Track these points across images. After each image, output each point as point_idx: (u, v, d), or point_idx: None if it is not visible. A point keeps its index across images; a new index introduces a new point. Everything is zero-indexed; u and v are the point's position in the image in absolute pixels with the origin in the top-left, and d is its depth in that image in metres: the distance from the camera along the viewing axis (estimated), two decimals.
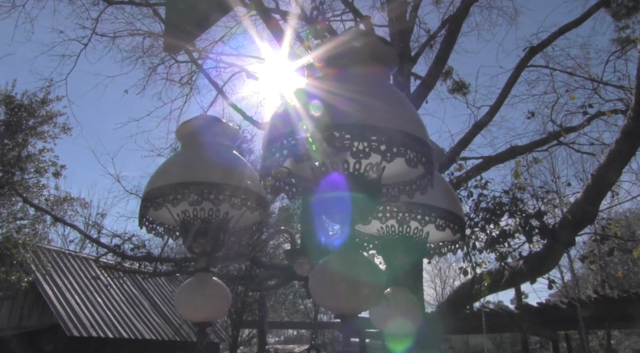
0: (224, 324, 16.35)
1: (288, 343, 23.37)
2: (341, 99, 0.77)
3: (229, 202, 1.10)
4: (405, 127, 0.75)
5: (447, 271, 26.07)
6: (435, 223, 1.06)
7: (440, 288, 26.44)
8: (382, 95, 0.80)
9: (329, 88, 0.81)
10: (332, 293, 0.77)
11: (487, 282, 5.80)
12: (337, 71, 0.85)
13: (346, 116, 0.74)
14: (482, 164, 7.00)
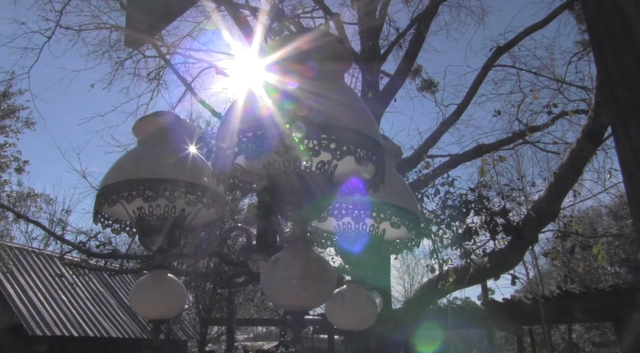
0: (192, 322, 16.21)
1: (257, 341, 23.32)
2: (292, 97, 0.77)
3: (184, 198, 1.09)
4: (356, 126, 0.76)
5: (415, 268, 26.39)
6: (390, 221, 1.07)
7: (408, 285, 26.75)
8: (334, 94, 0.80)
9: (281, 86, 0.81)
10: (283, 289, 0.78)
11: (452, 279, 5.90)
12: (289, 69, 0.85)
13: (295, 115, 0.74)
14: (449, 162, 7.11)
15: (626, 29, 0.49)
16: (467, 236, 5.25)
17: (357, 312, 1.11)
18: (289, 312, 0.79)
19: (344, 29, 7.70)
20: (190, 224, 1.24)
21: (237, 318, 14.93)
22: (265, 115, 0.75)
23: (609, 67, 0.50)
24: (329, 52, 0.86)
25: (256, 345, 19.61)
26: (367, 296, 1.13)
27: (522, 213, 7.58)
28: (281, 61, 0.88)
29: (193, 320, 16.18)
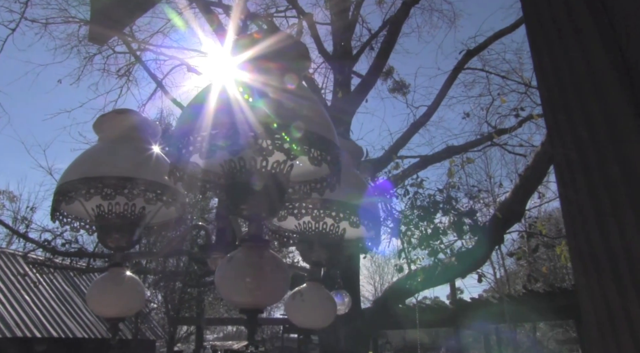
0: (160, 321, 16.01)
1: (227, 340, 23.16)
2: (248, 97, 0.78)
3: (143, 196, 1.09)
4: (310, 126, 0.77)
5: (385, 267, 26.61)
6: (349, 220, 1.09)
7: (379, 285, 26.96)
8: (289, 94, 0.82)
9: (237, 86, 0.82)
10: (236, 288, 0.78)
11: (421, 278, 5.98)
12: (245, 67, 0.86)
13: (250, 114, 0.75)
14: (419, 162, 7.21)
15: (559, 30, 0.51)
16: (434, 236, 5.33)
17: (316, 310, 1.12)
18: (243, 311, 0.80)
19: (316, 29, 7.72)
20: (151, 223, 1.23)
21: (207, 318, 14.80)
22: (219, 114, 0.76)
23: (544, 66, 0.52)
24: (287, 53, 0.87)
25: (226, 344, 19.49)
26: (326, 295, 1.14)
27: (490, 214, 7.75)
28: (239, 60, 0.89)
29: (162, 319, 15.98)
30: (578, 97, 0.49)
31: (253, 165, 0.81)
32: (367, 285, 27.40)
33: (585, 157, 0.48)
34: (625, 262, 0.44)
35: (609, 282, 0.44)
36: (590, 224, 0.46)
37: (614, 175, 0.46)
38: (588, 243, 0.46)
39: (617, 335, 0.43)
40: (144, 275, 12.57)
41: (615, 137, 0.47)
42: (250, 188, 0.81)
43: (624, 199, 0.45)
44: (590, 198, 0.47)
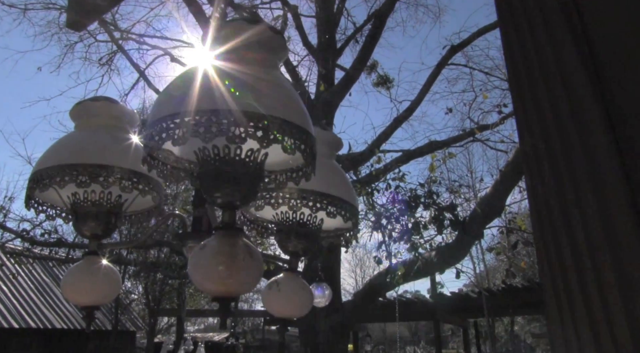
0: (141, 313, 15.91)
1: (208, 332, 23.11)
2: (221, 84, 0.78)
3: (119, 184, 1.08)
4: (284, 115, 0.77)
5: (367, 261, 26.77)
6: (326, 211, 1.09)
7: (360, 278, 27.11)
8: (264, 82, 0.81)
9: (211, 72, 0.81)
10: (209, 276, 0.78)
11: (401, 272, 6.03)
12: (222, 56, 0.85)
13: (224, 101, 0.75)
14: (401, 157, 7.24)
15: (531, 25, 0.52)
16: (415, 230, 5.37)
17: (292, 300, 1.13)
18: (216, 299, 0.80)
19: (300, 21, 7.69)
20: (128, 211, 1.22)
21: (188, 310, 14.76)
22: (193, 101, 0.76)
23: (515, 60, 0.53)
24: (264, 41, 0.87)
25: (207, 336, 19.45)
26: (302, 285, 1.15)
27: (470, 209, 7.83)
28: (215, 47, 0.88)
29: (142, 311, 15.88)
30: (547, 90, 0.50)
31: (227, 152, 0.81)
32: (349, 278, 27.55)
33: (552, 147, 0.49)
34: (586, 253, 0.45)
35: (571, 272, 0.45)
36: (555, 214, 0.47)
37: (579, 166, 0.47)
38: (552, 234, 0.47)
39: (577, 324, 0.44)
40: (125, 266, 12.48)
41: (581, 128, 0.48)
42: (223, 176, 0.81)
43: (588, 190, 0.46)
44: (555, 189, 0.48)
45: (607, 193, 0.45)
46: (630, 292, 0.42)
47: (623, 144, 0.46)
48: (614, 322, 0.42)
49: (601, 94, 0.47)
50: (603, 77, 0.48)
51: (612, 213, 0.45)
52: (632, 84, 0.46)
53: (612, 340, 0.42)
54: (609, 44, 0.49)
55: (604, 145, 0.46)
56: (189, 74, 0.86)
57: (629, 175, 0.45)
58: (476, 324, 14.94)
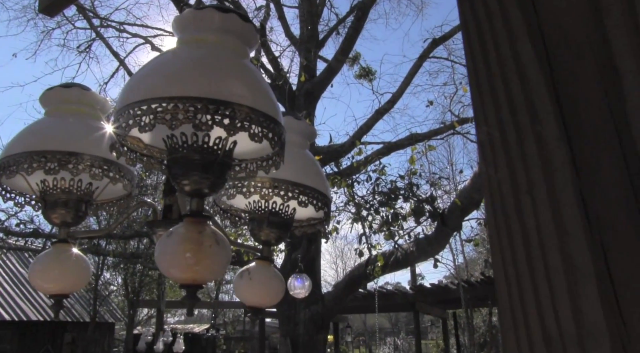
0: (120, 304, 15.79)
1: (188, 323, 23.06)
2: (189, 71, 0.78)
3: (89, 172, 1.07)
4: (251, 102, 0.77)
5: (348, 253, 26.89)
6: (298, 200, 1.10)
7: (341, 270, 27.24)
8: (232, 70, 0.81)
9: (178, 59, 0.81)
10: (176, 263, 0.78)
11: (381, 263, 6.07)
12: (191, 43, 0.85)
13: (191, 88, 0.75)
14: (382, 149, 7.27)
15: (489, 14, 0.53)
16: (393, 222, 5.42)
17: (264, 289, 1.13)
18: (183, 286, 0.80)
19: (283, 11, 7.66)
20: (99, 199, 1.21)
21: (167, 301, 14.68)
22: (159, 88, 0.75)
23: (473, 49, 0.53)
24: (233, 29, 0.87)
25: (187, 327, 19.41)
26: (274, 274, 1.15)
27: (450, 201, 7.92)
28: (184, 35, 0.87)
29: (121, 302, 15.77)
30: (503, 81, 0.51)
31: (195, 140, 0.81)
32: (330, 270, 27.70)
33: (506, 136, 0.50)
34: (536, 239, 0.46)
35: (521, 258, 0.46)
36: (507, 201, 0.48)
37: (531, 154, 0.48)
38: (505, 220, 0.48)
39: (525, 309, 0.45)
40: (104, 257, 12.36)
41: (534, 118, 0.49)
42: (191, 164, 0.81)
43: (539, 176, 0.47)
44: (508, 176, 0.49)
45: (556, 180, 0.46)
46: (574, 277, 0.43)
47: (572, 133, 0.47)
48: (558, 305, 0.43)
49: (553, 85, 0.49)
50: (555, 68, 0.49)
51: (560, 200, 0.46)
52: (581, 74, 0.48)
53: (556, 323, 0.43)
54: (560, 35, 0.50)
55: (554, 134, 0.47)
56: (157, 60, 0.86)
57: (576, 163, 0.46)
58: (455, 315, 15.14)
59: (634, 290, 0.41)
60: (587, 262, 0.43)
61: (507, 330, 0.45)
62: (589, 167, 0.45)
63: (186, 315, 1.23)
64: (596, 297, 0.42)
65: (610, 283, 0.42)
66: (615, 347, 0.40)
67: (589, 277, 0.43)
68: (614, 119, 0.45)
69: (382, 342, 24.56)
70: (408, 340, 22.96)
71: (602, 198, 0.44)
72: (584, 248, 0.43)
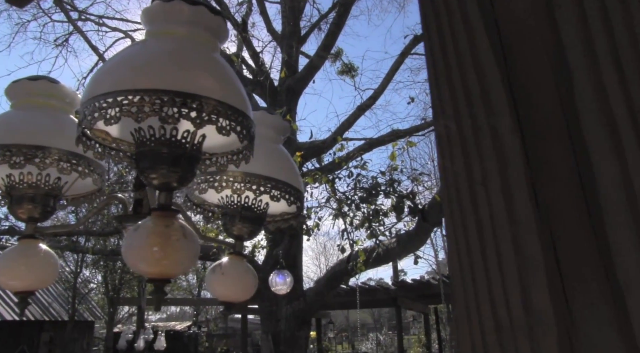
0: (100, 302, 15.62)
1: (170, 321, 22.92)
2: (156, 64, 0.77)
3: (57, 166, 1.05)
4: (219, 96, 0.77)
5: (331, 249, 26.95)
6: (270, 194, 1.10)
7: (324, 266, 27.29)
8: (200, 63, 0.81)
9: (146, 52, 0.80)
10: (143, 257, 0.78)
11: (362, 259, 6.10)
12: (159, 35, 0.84)
13: (158, 81, 0.74)
14: (364, 145, 7.30)
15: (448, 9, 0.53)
16: (374, 218, 5.44)
17: (235, 283, 1.13)
18: (150, 280, 0.79)
19: (265, 7, 7.62)
20: (68, 194, 1.20)
21: (149, 298, 14.56)
22: (126, 80, 0.75)
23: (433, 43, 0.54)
24: (202, 22, 0.86)
25: (169, 325, 19.28)
26: (246, 268, 1.15)
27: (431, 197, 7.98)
28: (153, 27, 0.87)
29: (101, 300, 15.59)
30: (460, 73, 0.52)
31: (162, 133, 0.80)
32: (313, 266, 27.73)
33: (463, 128, 0.50)
34: (489, 229, 0.47)
35: (475, 248, 0.47)
36: (462, 193, 0.49)
37: (486, 146, 0.49)
38: (460, 211, 0.49)
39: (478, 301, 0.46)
40: (83, 254, 12.19)
41: (489, 110, 0.50)
42: (159, 157, 0.80)
43: (493, 168, 0.48)
44: (464, 168, 0.49)
45: (509, 172, 0.47)
46: (525, 267, 0.44)
47: (525, 125, 0.48)
48: (509, 295, 0.44)
49: (508, 78, 0.49)
50: (510, 61, 0.50)
51: (512, 191, 0.47)
52: (534, 67, 0.49)
53: (507, 312, 0.44)
54: (515, 29, 0.50)
55: (508, 126, 0.48)
56: (124, 53, 0.85)
57: (529, 155, 0.47)
58: (437, 310, 15.29)
59: (579, 279, 0.42)
60: (537, 252, 0.44)
61: (461, 320, 0.46)
62: (541, 159, 0.46)
63: (154, 309, 1.21)
64: (545, 286, 0.43)
65: (558, 273, 0.43)
66: (562, 335, 0.41)
67: (539, 266, 0.43)
68: (564, 111, 0.46)
69: (364, 338, 24.67)
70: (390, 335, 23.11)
71: (552, 190, 0.45)
72: (535, 238, 0.44)
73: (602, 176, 0.43)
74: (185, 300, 16.66)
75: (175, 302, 17.11)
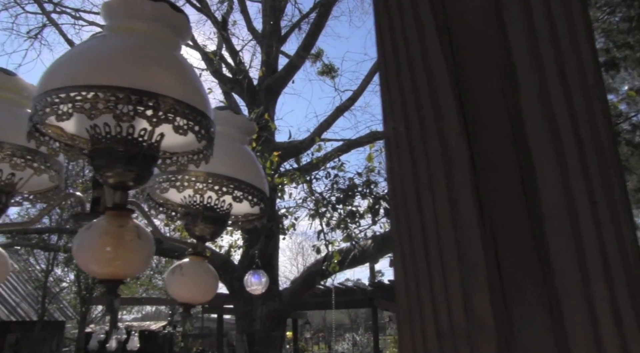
0: (72, 301, 15.33)
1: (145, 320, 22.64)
2: (113, 59, 0.75)
3: (9, 161, 1.02)
4: (177, 94, 0.75)
5: (308, 249, 26.94)
6: (232, 195, 1.08)
7: (301, 266, 27.27)
8: (159, 60, 0.79)
9: (103, 47, 0.78)
10: (94, 257, 0.76)
11: (337, 259, 6.11)
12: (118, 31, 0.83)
13: (113, 78, 0.72)
14: (342, 146, 7.31)
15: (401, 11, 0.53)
16: (350, 219, 5.45)
17: (195, 284, 1.11)
18: (102, 281, 0.77)
19: (246, 5, 7.58)
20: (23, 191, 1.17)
21: (123, 298, 14.35)
22: (80, 75, 0.73)
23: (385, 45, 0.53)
24: (164, 19, 0.85)
25: (143, 325, 19.04)
26: (207, 269, 1.13)
27: None
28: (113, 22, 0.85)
29: (73, 299, 15.30)
30: (410, 75, 0.51)
31: (119, 131, 0.78)
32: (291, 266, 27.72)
33: (411, 131, 0.50)
34: (434, 234, 0.46)
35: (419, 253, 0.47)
36: (408, 196, 0.49)
37: (433, 149, 0.48)
38: (406, 215, 0.48)
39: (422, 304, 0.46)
40: (54, 253, 11.95)
41: (438, 113, 0.49)
42: (115, 155, 0.78)
43: (439, 172, 0.48)
44: (411, 171, 0.49)
45: (455, 176, 0.47)
46: (467, 271, 0.44)
47: (471, 129, 0.48)
48: (451, 300, 0.44)
49: (457, 81, 0.49)
50: (460, 64, 0.49)
51: (458, 196, 0.46)
52: (482, 70, 0.48)
53: (448, 317, 0.43)
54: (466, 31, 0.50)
55: (455, 129, 0.48)
56: (81, 47, 0.83)
57: (474, 159, 0.47)
58: None
59: (519, 285, 0.42)
60: (479, 258, 0.44)
61: (403, 325, 0.46)
62: (486, 163, 0.46)
63: (105, 310, 1.19)
64: (486, 291, 0.42)
65: (499, 277, 0.43)
66: (500, 342, 0.41)
67: (481, 271, 0.43)
68: (510, 115, 0.46)
69: (340, 338, 24.70)
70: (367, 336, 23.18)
71: (495, 194, 0.45)
72: (478, 243, 0.44)
73: (543, 181, 0.43)
74: (161, 300, 16.46)
75: (150, 301, 16.90)
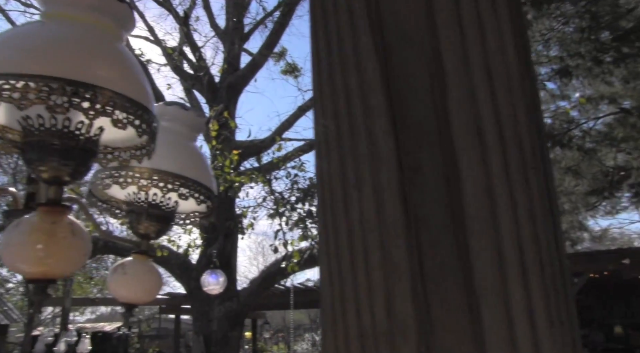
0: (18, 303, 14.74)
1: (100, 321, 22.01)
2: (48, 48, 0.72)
3: None
4: (116, 87, 0.73)
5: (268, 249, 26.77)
6: (178, 192, 1.06)
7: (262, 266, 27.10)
8: (99, 51, 0.77)
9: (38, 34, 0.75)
10: (23, 255, 0.73)
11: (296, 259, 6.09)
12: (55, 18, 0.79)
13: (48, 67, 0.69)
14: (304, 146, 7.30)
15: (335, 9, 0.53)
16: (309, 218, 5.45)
17: (137, 284, 1.08)
18: (31, 281, 0.74)
19: (209, 1, 7.48)
20: None
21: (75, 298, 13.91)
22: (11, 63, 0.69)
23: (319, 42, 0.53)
24: (105, 9, 0.82)
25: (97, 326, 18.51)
26: (150, 268, 1.10)
27: None
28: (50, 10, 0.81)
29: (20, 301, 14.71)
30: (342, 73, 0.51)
31: (53, 123, 0.75)
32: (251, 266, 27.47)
33: (340, 129, 0.50)
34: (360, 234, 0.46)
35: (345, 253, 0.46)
36: (336, 195, 0.48)
37: (361, 148, 0.48)
38: (332, 214, 0.48)
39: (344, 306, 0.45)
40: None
41: (368, 112, 0.49)
42: (49, 148, 0.75)
43: (366, 171, 0.48)
44: (339, 170, 0.49)
45: (382, 176, 0.47)
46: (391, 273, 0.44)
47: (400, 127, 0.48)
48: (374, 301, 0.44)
49: (387, 79, 0.49)
50: (391, 63, 0.50)
51: (384, 196, 0.46)
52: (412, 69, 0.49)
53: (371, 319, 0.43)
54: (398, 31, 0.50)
55: (384, 128, 0.48)
56: (13, 32, 0.79)
57: (401, 158, 0.47)
58: None
59: (441, 286, 0.42)
60: (403, 258, 0.44)
61: (327, 327, 0.45)
62: (412, 163, 0.46)
63: (33, 311, 1.13)
64: (408, 292, 0.43)
65: (421, 278, 0.43)
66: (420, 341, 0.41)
67: (404, 272, 0.43)
68: (437, 115, 0.46)
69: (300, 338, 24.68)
70: None
71: (420, 194, 0.45)
72: (402, 243, 0.44)
73: (467, 182, 0.43)
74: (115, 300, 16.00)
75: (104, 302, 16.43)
